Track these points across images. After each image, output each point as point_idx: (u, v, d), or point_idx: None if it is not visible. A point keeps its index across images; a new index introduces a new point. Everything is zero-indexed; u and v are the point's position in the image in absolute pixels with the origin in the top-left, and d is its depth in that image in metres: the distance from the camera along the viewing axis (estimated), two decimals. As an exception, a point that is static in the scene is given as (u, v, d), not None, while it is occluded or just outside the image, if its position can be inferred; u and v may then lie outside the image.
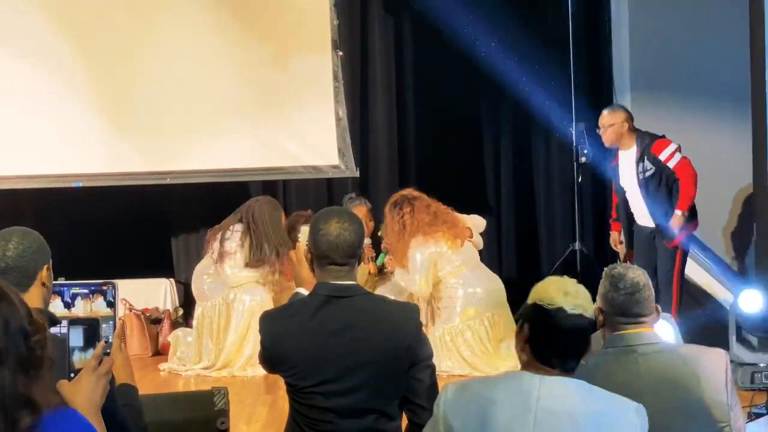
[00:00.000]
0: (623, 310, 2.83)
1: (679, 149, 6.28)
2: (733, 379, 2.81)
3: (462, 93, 7.82)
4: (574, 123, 7.35)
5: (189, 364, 6.37)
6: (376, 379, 2.76)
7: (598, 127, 6.45)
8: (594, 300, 2.50)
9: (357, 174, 7.47)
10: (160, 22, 7.33)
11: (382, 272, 6.74)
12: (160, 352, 6.91)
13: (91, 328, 2.13)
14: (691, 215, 6.29)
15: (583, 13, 7.70)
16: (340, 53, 7.45)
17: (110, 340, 2.65)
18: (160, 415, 2.97)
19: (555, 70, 7.69)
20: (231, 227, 6.39)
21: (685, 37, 7.34)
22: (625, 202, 6.52)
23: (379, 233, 6.59)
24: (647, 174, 6.28)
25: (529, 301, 2.39)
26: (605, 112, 6.42)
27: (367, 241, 6.63)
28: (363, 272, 6.66)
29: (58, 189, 7.31)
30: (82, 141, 7.24)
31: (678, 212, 6.20)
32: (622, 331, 2.83)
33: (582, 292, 2.37)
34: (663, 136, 6.36)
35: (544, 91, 7.85)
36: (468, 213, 6.56)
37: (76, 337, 2.12)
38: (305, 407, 2.79)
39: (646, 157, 6.28)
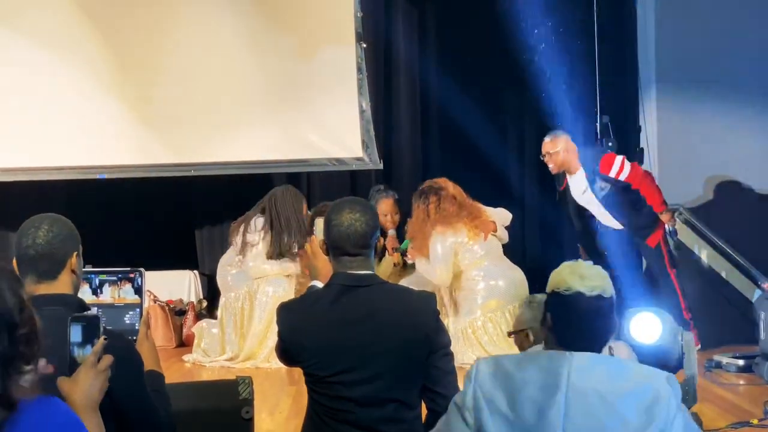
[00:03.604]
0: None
1: (623, 161, 6.29)
2: None
3: (486, 84, 7.79)
4: (599, 115, 7.32)
5: (213, 356, 6.39)
6: (395, 367, 2.77)
7: (542, 155, 6.47)
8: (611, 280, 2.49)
9: (380, 166, 7.46)
10: (185, 14, 7.35)
11: (405, 264, 6.73)
12: (184, 343, 6.95)
13: (91, 325, 2.12)
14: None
15: (609, 5, 7.65)
16: (364, 45, 7.44)
17: (136, 328, 2.67)
18: (184, 404, 2.97)
19: (580, 61, 7.65)
20: (253, 219, 6.40)
21: (711, 28, 7.28)
22: (583, 223, 6.57)
23: (406, 227, 6.60)
24: (605, 192, 6.33)
25: (548, 289, 2.40)
26: (546, 140, 6.51)
27: (391, 233, 6.64)
28: (388, 264, 6.67)
29: (84, 180, 7.35)
30: (107, 133, 7.27)
31: (660, 214, 6.27)
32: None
33: (597, 273, 2.37)
34: (604, 152, 6.40)
35: (569, 83, 7.82)
36: (492, 205, 6.54)
37: (76, 333, 2.11)
38: (325, 397, 2.80)
39: (597, 177, 6.33)
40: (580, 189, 6.43)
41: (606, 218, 6.49)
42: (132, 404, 2.38)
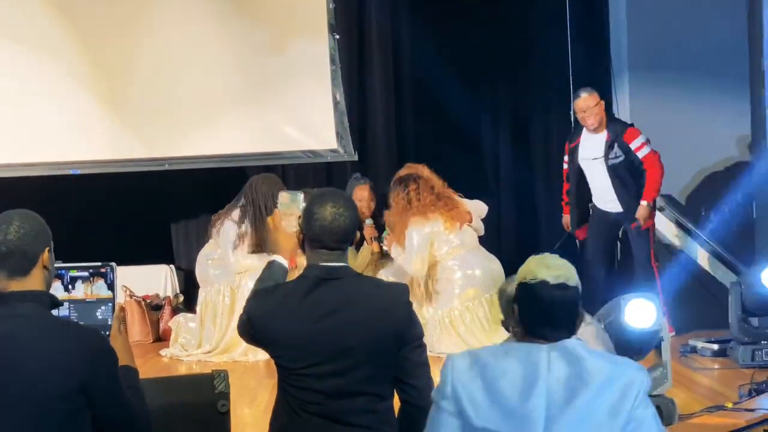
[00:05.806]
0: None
1: (648, 141, 6.31)
2: None
3: (460, 75, 7.79)
4: (572, 104, 7.33)
5: (191, 350, 6.37)
6: (368, 360, 2.77)
7: (581, 112, 6.41)
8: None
9: (355, 157, 7.46)
10: (157, 8, 7.31)
11: (383, 254, 6.74)
12: (161, 338, 6.92)
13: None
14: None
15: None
16: (337, 37, 7.43)
17: (109, 323, 2.66)
18: (160, 399, 2.96)
19: (553, 50, 7.67)
20: (234, 212, 6.36)
21: (683, 15, 7.31)
22: (579, 184, 6.52)
23: (383, 218, 6.59)
24: (617, 160, 6.32)
25: (516, 281, 2.47)
26: (584, 95, 6.40)
27: (369, 221, 6.65)
28: (366, 253, 6.67)
29: (56, 176, 7.31)
30: (79, 128, 7.23)
31: (644, 203, 6.30)
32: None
33: (563, 264, 2.44)
34: (632, 125, 6.39)
35: (542, 72, 7.84)
36: (468, 197, 6.56)
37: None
38: (296, 389, 2.79)
39: (617, 144, 6.32)
40: (596, 150, 6.38)
41: (602, 192, 6.46)
42: (106, 400, 2.38)
